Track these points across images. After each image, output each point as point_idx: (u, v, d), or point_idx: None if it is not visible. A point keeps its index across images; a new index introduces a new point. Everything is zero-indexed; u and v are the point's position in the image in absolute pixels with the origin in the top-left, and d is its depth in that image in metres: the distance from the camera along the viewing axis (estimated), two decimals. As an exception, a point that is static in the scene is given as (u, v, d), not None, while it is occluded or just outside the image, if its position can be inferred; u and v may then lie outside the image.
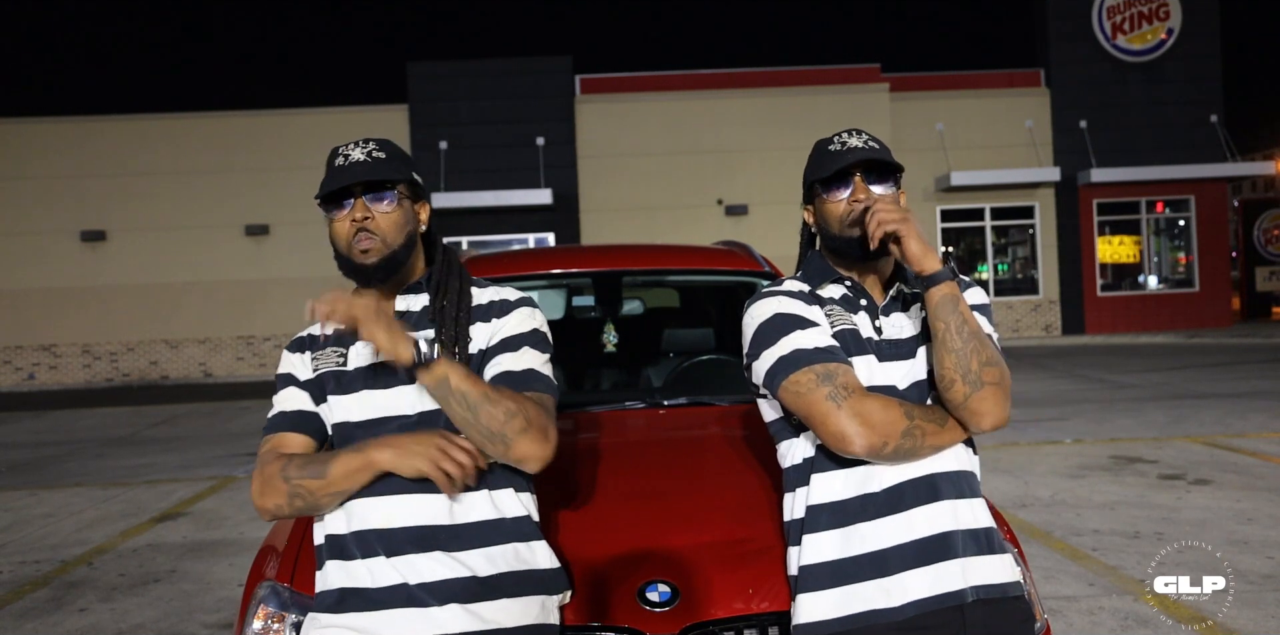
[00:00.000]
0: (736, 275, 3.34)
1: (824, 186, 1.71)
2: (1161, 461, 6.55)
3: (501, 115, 17.38)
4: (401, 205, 1.66)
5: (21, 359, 17.35)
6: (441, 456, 1.50)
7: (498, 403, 1.51)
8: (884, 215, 1.58)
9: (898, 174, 1.71)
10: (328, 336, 1.70)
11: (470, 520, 1.56)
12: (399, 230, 1.64)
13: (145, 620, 4.05)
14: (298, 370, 1.71)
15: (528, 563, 1.59)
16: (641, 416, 2.70)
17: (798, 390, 1.59)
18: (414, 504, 1.54)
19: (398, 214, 1.65)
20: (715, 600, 1.69)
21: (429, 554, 1.53)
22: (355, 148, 1.66)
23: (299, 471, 1.55)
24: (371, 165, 1.63)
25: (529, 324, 1.69)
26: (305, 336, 1.76)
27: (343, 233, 1.63)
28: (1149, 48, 18.32)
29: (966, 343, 1.58)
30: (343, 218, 1.63)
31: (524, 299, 1.74)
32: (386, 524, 1.54)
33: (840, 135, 1.73)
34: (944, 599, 1.57)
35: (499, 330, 1.67)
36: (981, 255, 18.91)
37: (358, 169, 1.62)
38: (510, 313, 1.70)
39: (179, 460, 8.24)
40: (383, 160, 1.65)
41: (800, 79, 18.45)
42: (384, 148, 1.67)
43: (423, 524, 1.54)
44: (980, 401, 1.58)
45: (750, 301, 1.75)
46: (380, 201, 1.63)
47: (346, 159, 1.64)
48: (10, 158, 17.23)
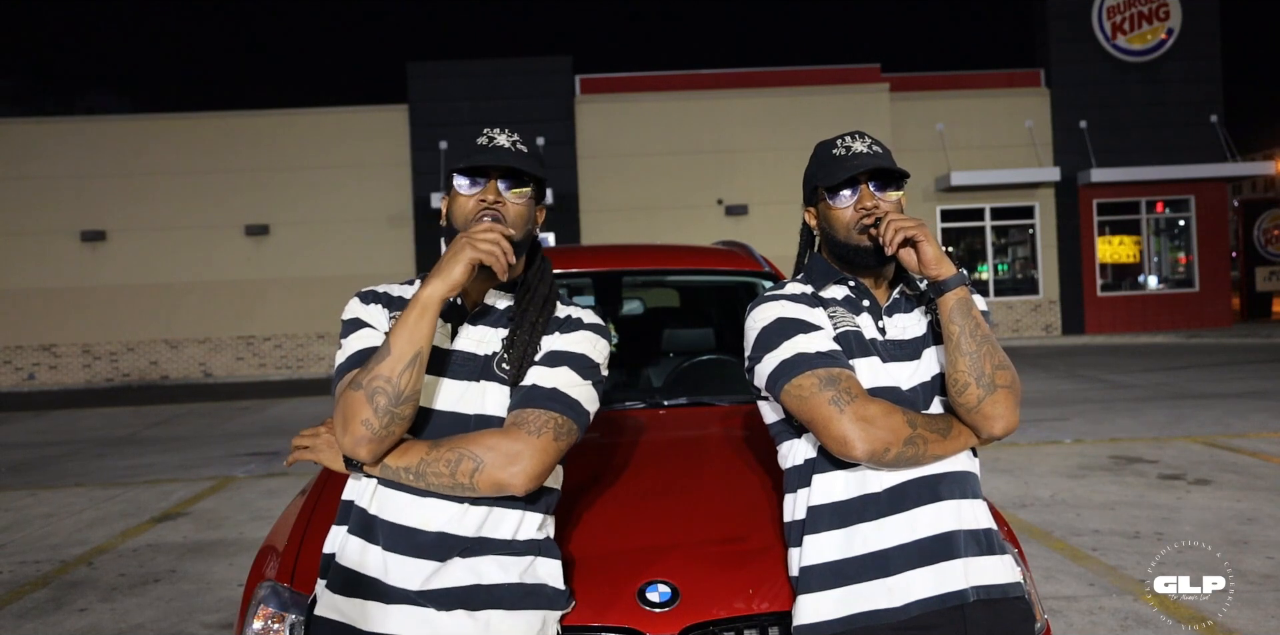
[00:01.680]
0: (737, 275, 3.35)
1: (830, 192, 1.72)
2: (1161, 461, 6.55)
3: (501, 115, 17.37)
4: (530, 201, 1.65)
5: (21, 359, 17.35)
6: (475, 241, 1.50)
7: (434, 462, 1.50)
8: (900, 223, 1.60)
9: (903, 180, 1.72)
10: (406, 300, 1.66)
11: (499, 537, 1.56)
12: (522, 223, 1.63)
13: (145, 620, 4.05)
14: (374, 320, 1.66)
15: (540, 578, 1.58)
16: (641, 417, 2.70)
17: (801, 394, 1.60)
18: (450, 511, 1.53)
19: (525, 208, 1.64)
20: (715, 600, 1.69)
21: (449, 560, 1.53)
22: (501, 133, 1.66)
23: (365, 371, 1.50)
24: (517, 155, 1.62)
25: (582, 347, 1.65)
26: (381, 291, 1.71)
27: (468, 208, 1.61)
28: (1149, 48, 18.32)
29: (980, 346, 1.60)
30: (473, 194, 1.61)
31: (595, 324, 1.70)
32: (421, 525, 1.53)
33: (844, 138, 1.73)
34: (946, 599, 1.58)
35: (553, 344, 1.65)
36: (981, 255, 18.91)
37: (505, 153, 1.61)
38: (574, 331, 1.67)
39: (179, 460, 8.24)
40: (525, 154, 1.64)
41: (800, 79, 18.45)
42: (527, 143, 1.68)
43: (453, 533, 1.53)
44: (993, 405, 1.59)
45: (753, 304, 1.75)
46: (515, 191, 1.62)
47: (491, 141, 1.64)
48: (10, 158, 17.23)
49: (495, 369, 1.62)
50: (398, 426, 1.49)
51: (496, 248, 1.51)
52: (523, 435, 1.51)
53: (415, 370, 1.49)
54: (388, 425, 1.48)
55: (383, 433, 1.48)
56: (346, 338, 1.64)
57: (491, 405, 1.59)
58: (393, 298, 1.70)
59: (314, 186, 17.52)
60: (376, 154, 17.64)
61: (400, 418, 1.49)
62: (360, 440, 1.48)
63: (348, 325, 1.66)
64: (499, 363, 1.62)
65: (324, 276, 17.43)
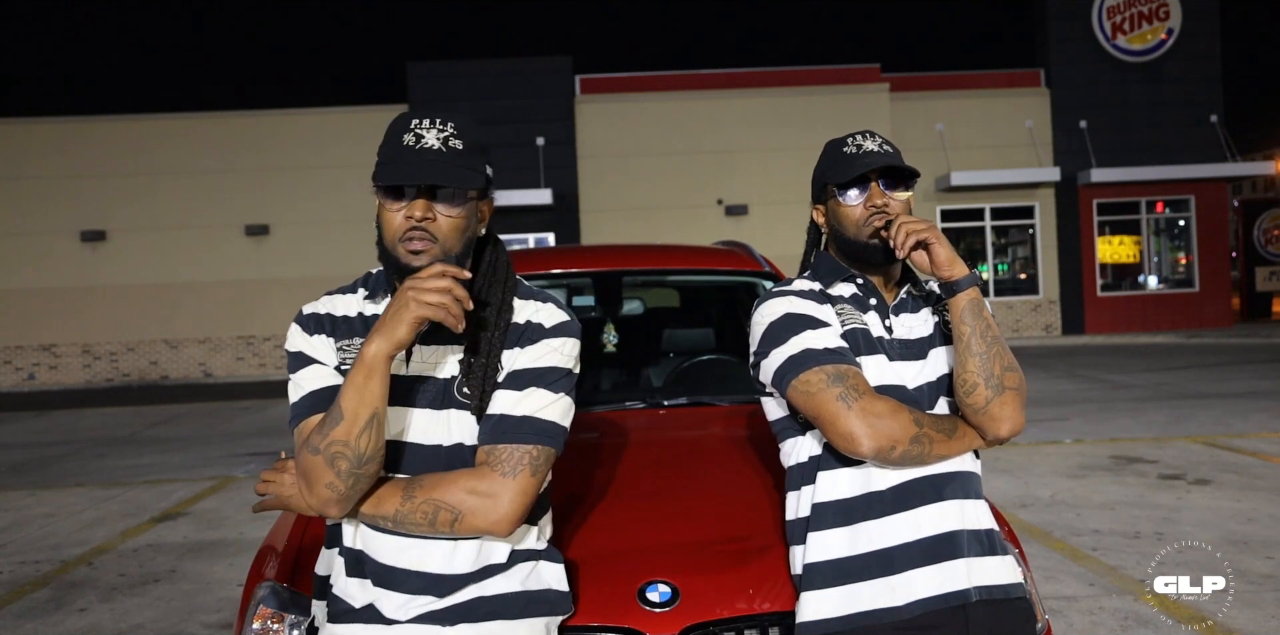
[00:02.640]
0: (737, 275, 3.35)
1: (840, 190, 1.72)
2: (1161, 461, 6.55)
3: (501, 115, 17.37)
4: (467, 207, 1.46)
5: (21, 359, 17.35)
6: (421, 295, 1.34)
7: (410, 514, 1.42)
8: (911, 225, 1.61)
9: (912, 180, 1.72)
10: (351, 318, 1.55)
11: (497, 561, 1.50)
12: (459, 235, 1.45)
13: (145, 620, 4.05)
14: (319, 353, 1.52)
15: (544, 583, 1.55)
16: (642, 417, 2.70)
17: (808, 390, 1.60)
18: (442, 551, 1.46)
19: (462, 218, 1.45)
20: (716, 600, 1.68)
21: (449, 595, 1.47)
22: (431, 128, 1.44)
23: (319, 434, 1.38)
24: (447, 158, 1.42)
25: (548, 359, 1.50)
26: (324, 313, 1.56)
27: (394, 225, 1.43)
28: (1149, 48, 18.32)
29: (990, 347, 1.60)
30: (397, 210, 1.43)
31: (559, 325, 1.53)
32: (414, 568, 1.46)
33: (855, 137, 1.74)
34: (949, 598, 1.58)
35: (516, 361, 1.49)
36: (981, 255, 18.90)
37: (429, 159, 1.41)
38: (535, 343, 1.51)
39: (179, 460, 8.24)
40: (459, 153, 1.43)
41: (800, 79, 18.45)
42: (463, 134, 1.45)
43: (449, 573, 1.46)
44: (1001, 406, 1.60)
45: (760, 300, 1.76)
46: (447, 202, 1.44)
47: (419, 141, 1.43)
48: (10, 158, 17.23)
49: (456, 394, 1.49)
50: (364, 484, 1.40)
51: (446, 301, 1.34)
52: (497, 477, 1.42)
53: (374, 431, 1.38)
54: (353, 485, 1.39)
55: (349, 493, 1.40)
56: (295, 373, 1.52)
57: (459, 433, 1.48)
58: (337, 320, 1.55)
59: (314, 186, 17.52)
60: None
61: (366, 476, 1.40)
62: (328, 502, 1.40)
63: (294, 359, 1.53)
64: (459, 387, 1.49)
65: (324, 276, 17.42)
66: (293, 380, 1.52)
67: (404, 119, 1.47)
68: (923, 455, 1.59)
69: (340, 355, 1.53)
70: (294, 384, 1.51)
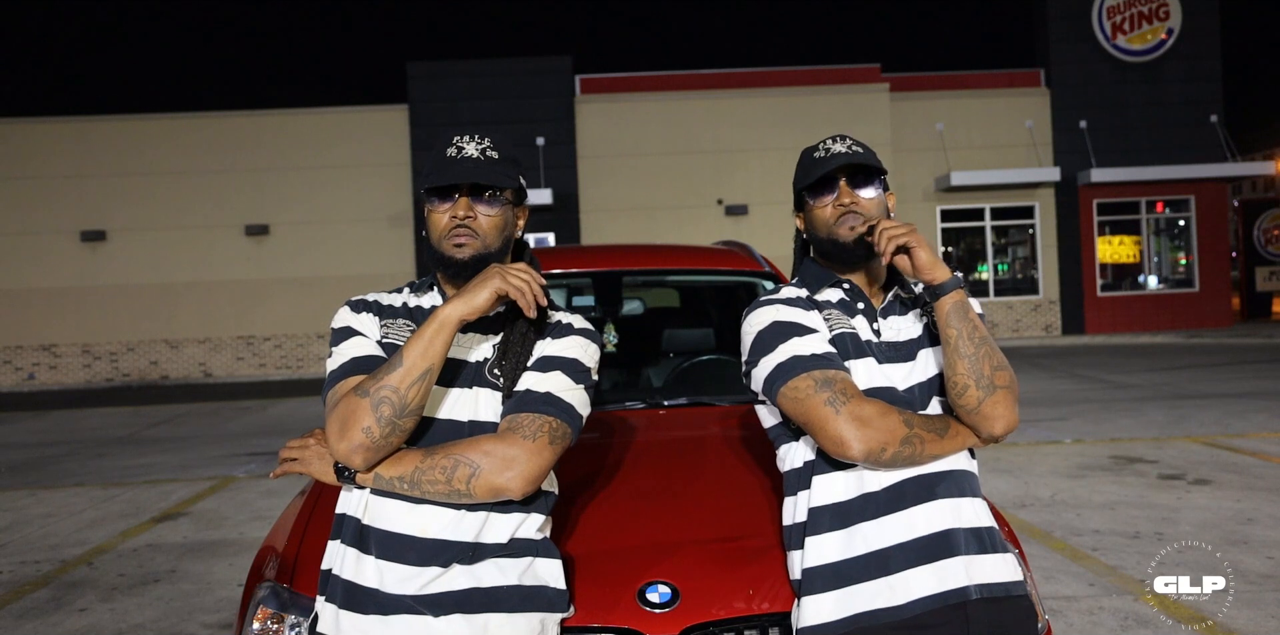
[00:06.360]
0: (737, 275, 3.35)
1: (810, 193, 1.75)
2: (1161, 461, 6.55)
3: (501, 115, 17.38)
4: (505, 209, 1.65)
5: (21, 359, 17.35)
6: (508, 275, 1.52)
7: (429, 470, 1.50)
8: (892, 231, 1.62)
9: (881, 177, 1.74)
10: (396, 307, 1.69)
11: (496, 541, 1.55)
12: (498, 233, 1.64)
13: (145, 620, 4.05)
14: (365, 327, 1.66)
15: (540, 579, 1.57)
16: (642, 417, 2.70)
17: (796, 396, 1.61)
18: (446, 517, 1.53)
19: (500, 218, 1.64)
20: (715, 601, 1.69)
21: (449, 567, 1.52)
22: (470, 141, 1.65)
23: (373, 379, 1.49)
24: (484, 165, 1.62)
25: (574, 351, 1.65)
26: (371, 300, 1.72)
27: (441, 225, 1.62)
28: (1149, 48, 18.32)
29: (978, 348, 1.61)
30: (444, 211, 1.62)
31: (585, 329, 1.71)
32: (417, 532, 1.53)
33: (824, 142, 1.77)
34: (947, 596, 1.58)
35: (544, 349, 1.65)
36: (981, 255, 18.90)
37: (469, 165, 1.61)
38: (565, 337, 1.67)
39: (179, 460, 8.24)
40: (495, 161, 1.63)
41: (800, 79, 18.45)
42: (498, 147, 1.66)
43: (451, 538, 1.53)
44: (993, 406, 1.61)
45: (749, 309, 1.78)
46: (486, 203, 1.62)
47: (460, 152, 1.63)
48: (10, 158, 17.23)
49: (487, 374, 1.62)
50: (396, 438, 1.49)
51: (527, 287, 1.52)
52: (518, 440, 1.51)
53: (424, 385, 1.49)
54: (388, 435, 1.48)
55: (382, 442, 1.48)
56: (338, 345, 1.63)
57: (484, 411, 1.59)
58: (383, 306, 1.70)
59: (314, 186, 17.52)
60: (376, 154, 17.64)
61: (401, 430, 1.49)
62: (357, 447, 1.47)
63: (339, 333, 1.66)
64: (490, 369, 1.62)
65: (324, 276, 17.43)
66: (334, 352, 1.63)
67: (447, 137, 1.68)
68: (915, 456, 1.60)
69: (384, 330, 1.66)
70: (336, 353, 1.63)
